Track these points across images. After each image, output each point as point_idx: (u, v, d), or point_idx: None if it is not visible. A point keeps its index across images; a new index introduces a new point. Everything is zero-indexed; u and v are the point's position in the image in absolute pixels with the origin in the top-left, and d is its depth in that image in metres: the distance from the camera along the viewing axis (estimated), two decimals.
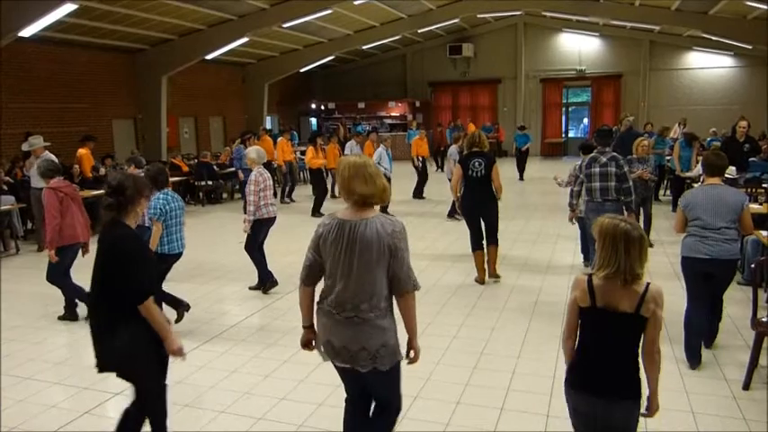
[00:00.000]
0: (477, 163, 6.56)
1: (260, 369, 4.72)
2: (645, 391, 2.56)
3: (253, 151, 6.80)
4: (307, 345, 3.05)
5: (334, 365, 2.93)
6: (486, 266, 6.85)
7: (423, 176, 13.42)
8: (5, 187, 9.74)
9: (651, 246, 7.86)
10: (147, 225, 5.43)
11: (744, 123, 9.60)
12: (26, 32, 10.67)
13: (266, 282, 6.77)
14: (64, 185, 5.86)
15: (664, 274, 6.86)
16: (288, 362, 4.84)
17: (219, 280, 7.27)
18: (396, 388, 2.96)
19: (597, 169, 6.14)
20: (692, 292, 4.63)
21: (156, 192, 5.31)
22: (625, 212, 6.00)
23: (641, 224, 7.97)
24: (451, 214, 10.60)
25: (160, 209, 5.25)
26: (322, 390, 4.26)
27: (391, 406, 3.00)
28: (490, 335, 5.31)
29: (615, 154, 6.25)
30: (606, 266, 2.44)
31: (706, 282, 4.53)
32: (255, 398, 4.24)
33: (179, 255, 5.53)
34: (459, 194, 6.83)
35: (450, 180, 10.41)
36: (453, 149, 10.47)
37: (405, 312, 2.84)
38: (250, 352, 5.09)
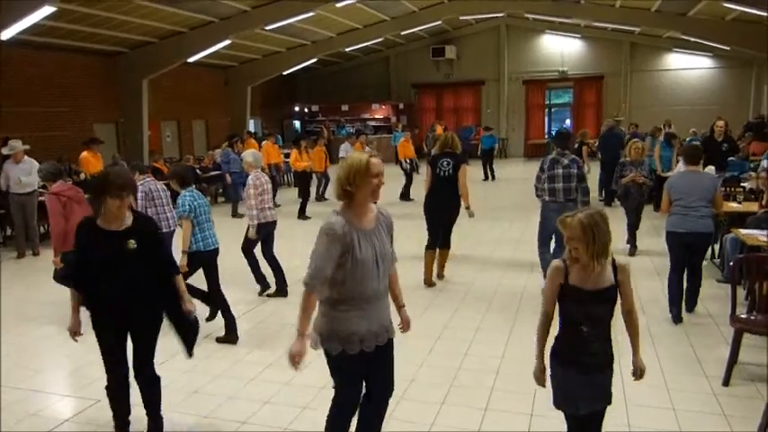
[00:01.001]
0: (445, 162, 6.60)
1: (244, 372, 4.70)
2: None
3: (249, 155, 6.70)
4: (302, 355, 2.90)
5: (357, 355, 2.90)
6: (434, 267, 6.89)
7: (409, 178, 13.51)
8: None
9: (633, 254, 7.85)
10: (169, 229, 5.40)
11: (721, 123, 9.76)
12: (4, 36, 10.52)
13: (264, 285, 6.74)
14: (66, 189, 5.77)
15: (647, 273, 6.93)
16: (272, 365, 4.81)
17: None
18: (331, 372, 3.08)
19: (560, 170, 6.29)
20: (674, 261, 5.54)
21: (182, 190, 5.33)
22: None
23: (628, 228, 8.05)
24: None
25: (188, 205, 5.22)
26: (306, 392, 4.25)
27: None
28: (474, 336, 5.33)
29: (575, 156, 6.50)
30: (581, 256, 2.68)
31: (686, 251, 5.45)
32: (239, 402, 4.21)
33: (215, 251, 5.44)
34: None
35: None
36: (435, 151, 10.53)
37: None
38: (235, 355, 5.06)
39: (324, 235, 2.80)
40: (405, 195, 13.29)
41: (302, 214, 11.60)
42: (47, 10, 10.19)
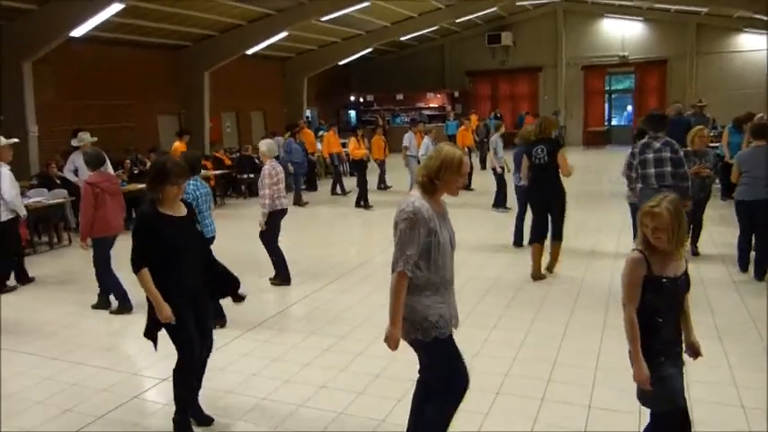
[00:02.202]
0: (539, 150, 6.38)
1: (300, 357, 4.80)
2: None
3: (263, 145, 6.83)
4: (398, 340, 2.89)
5: (448, 338, 2.96)
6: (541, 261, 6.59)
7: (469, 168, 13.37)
8: (58, 181, 10.12)
9: (696, 254, 7.13)
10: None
11: None
12: (76, 33, 11.04)
13: (284, 275, 6.79)
14: (102, 180, 6.02)
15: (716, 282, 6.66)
16: (328, 351, 4.90)
17: (260, 271, 7.31)
18: (430, 363, 3.07)
19: (651, 155, 6.01)
20: (742, 226, 6.32)
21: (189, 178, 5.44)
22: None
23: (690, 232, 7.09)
24: (496, 205, 10.54)
25: (191, 194, 5.28)
26: (362, 379, 4.30)
27: (433, 380, 3.11)
28: (530, 326, 5.27)
29: (669, 139, 6.09)
30: (664, 244, 2.64)
31: (750, 218, 6.18)
32: (296, 385, 4.31)
33: (212, 239, 5.54)
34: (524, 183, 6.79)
35: (494, 170, 10.37)
36: (495, 138, 10.42)
37: None
38: (291, 341, 5.17)
39: (409, 218, 2.80)
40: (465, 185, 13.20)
41: (360, 203, 11.65)
42: (116, 7, 10.62)
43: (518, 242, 8.01)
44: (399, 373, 4.22)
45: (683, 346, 2.82)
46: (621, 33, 21.99)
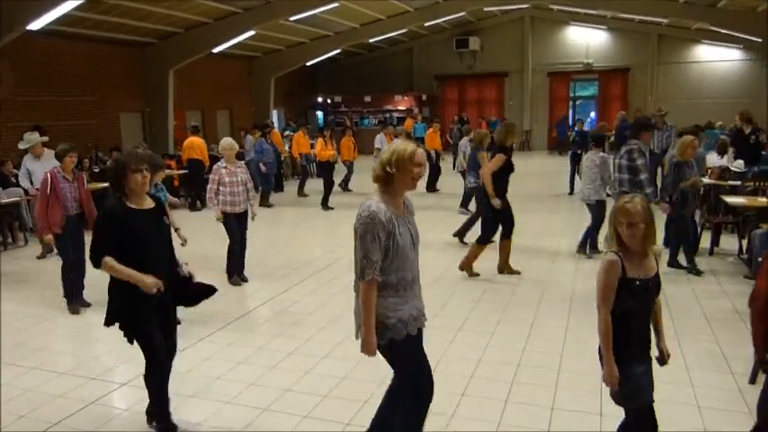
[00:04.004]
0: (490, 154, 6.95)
1: (266, 360, 4.75)
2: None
3: (223, 142, 6.84)
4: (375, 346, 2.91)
5: (405, 339, 2.93)
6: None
7: (436, 170, 13.52)
8: (14, 180, 9.78)
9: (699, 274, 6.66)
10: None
11: (737, 117, 9.63)
12: (34, 26, 10.70)
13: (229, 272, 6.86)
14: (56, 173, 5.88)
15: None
16: (294, 353, 4.86)
17: (224, 271, 7.16)
18: (392, 363, 3.05)
19: (617, 161, 6.60)
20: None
21: None
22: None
23: (686, 248, 6.87)
24: (463, 206, 10.65)
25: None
26: (327, 381, 4.28)
27: (397, 381, 3.11)
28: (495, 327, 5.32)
29: (631, 147, 6.45)
30: (637, 242, 2.69)
31: None
32: (261, 389, 4.26)
33: None
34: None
35: (462, 173, 10.45)
36: (464, 142, 10.72)
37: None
38: (256, 343, 5.11)
39: (368, 223, 2.78)
40: (431, 186, 13.35)
41: (325, 204, 11.71)
42: (76, 0, 10.33)
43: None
44: (365, 375, 4.21)
45: (651, 345, 2.87)
46: (586, 41, 22.45)
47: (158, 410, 3.61)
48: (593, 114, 23.61)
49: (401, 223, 2.89)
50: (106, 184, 9.41)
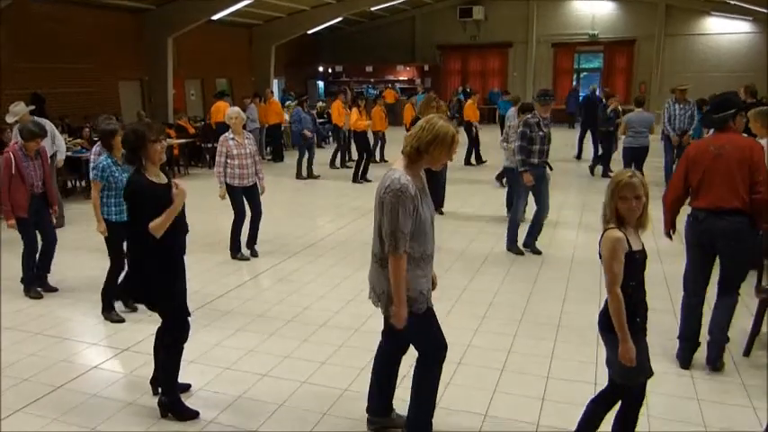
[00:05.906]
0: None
1: (265, 327, 4.77)
2: None
3: (230, 111, 6.71)
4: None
5: (426, 312, 2.98)
6: None
7: (476, 142, 13.26)
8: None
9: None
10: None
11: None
12: None
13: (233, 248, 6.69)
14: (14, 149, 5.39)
15: None
16: (292, 321, 4.90)
17: (212, 247, 6.93)
18: (413, 336, 3.02)
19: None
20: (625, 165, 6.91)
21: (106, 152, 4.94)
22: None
23: None
24: (500, 178, 10.46)
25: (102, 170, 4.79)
26: (306, 366, 4.13)
27: (421, 353, 3.07)
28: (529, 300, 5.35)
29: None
30: (635, 215, 2.72)
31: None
32: (260, 355, 4.29)
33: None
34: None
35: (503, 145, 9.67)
36: (512, 111, 10.17)
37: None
38: (234, 325, 4.87)
39: (399, 195, 2.75)
40: (470, 158, 13.34)
41: (360, 177, 11.35)
42: None
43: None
44: (362, 343, 4.26)
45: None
46: (592, 12, 22.08)
47: (170, 381, 3.56)
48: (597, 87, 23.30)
49: (423, 197, 2.89)
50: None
